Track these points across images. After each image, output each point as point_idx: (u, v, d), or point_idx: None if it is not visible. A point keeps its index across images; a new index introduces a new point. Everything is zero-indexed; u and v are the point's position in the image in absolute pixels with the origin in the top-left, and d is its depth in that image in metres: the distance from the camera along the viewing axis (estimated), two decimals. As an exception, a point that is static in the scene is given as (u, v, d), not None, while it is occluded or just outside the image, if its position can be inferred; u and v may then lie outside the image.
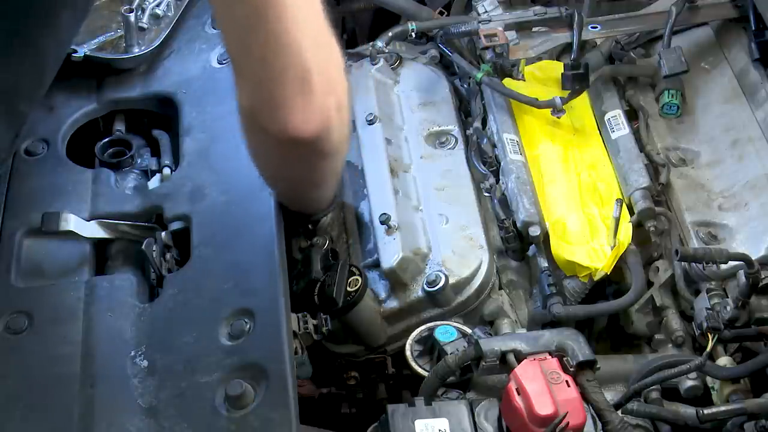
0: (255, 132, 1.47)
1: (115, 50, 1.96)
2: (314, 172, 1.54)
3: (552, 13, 2.00)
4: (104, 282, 1.61)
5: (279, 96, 1.34)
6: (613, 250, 1.71)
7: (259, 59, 1.34)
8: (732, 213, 1.76)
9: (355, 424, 1.65)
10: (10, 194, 1.73)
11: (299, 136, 1.37)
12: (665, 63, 1.89)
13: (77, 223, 1.66)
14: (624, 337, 1.80)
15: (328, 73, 1.37)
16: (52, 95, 1.85)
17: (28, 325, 1.54)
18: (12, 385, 1.47)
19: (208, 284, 1.57)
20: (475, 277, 1.72)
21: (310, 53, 1.34)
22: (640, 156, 1.83)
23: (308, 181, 1.59)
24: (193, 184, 1.72)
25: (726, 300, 1.63)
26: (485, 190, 1.85)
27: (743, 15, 1.96)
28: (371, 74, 2.00)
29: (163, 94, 1.91)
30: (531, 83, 1.96)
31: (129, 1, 1.98)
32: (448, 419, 1.45)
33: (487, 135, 1.90)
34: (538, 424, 1.43)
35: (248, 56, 1.36)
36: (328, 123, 1.39)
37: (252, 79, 1.37)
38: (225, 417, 1.41)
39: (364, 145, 1.88)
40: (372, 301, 1.70)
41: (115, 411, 1.44)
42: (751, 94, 1.88)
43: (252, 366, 1.45)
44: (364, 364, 1.73)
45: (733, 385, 1.59)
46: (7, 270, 1.62)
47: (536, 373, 1.47)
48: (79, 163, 1.81)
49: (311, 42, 1.34)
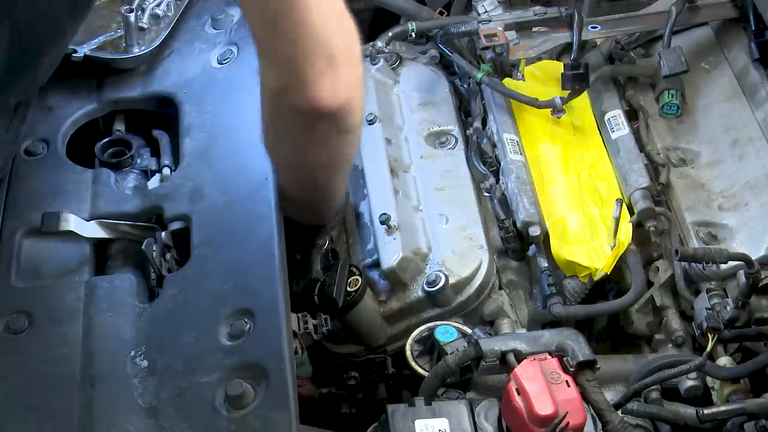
0: (282, 113, 1.54)
1: (115, 50, 1.96)
2: (334, 152, 1.60)
3: (552, 13, 2.00)
4: (104, 282, 1.61)
5: (309, 73, 1.46)
6: (613, 250, 1.71)
7: (290, 41, 1.45)
8: (732, 213, 1.76)
9: (355, 424, 1.65)
10: (10, 194, 1.72)
11: (328, 109, 1.48)
12: (665, 63, 1.89)
13: (77, 223, 1.66)
14: (624, 337, 1.80)
15: (351, 51, 1.49)
16: (52, 95, 1.85)
17: (28, 325, 1.53)
18: (12, 385, 1.47)
19: (208, 284, 1.57)
20: (475, 277, 1.72)
21: (336, 33, 1.46)
22: (640, 156, 1.83)
23: (326, 164, 1.63)
24: (193, 184, 1.72)
25: (726, 300, 1.63)
26: (485, 190, 1.85)
27: (743, 15, 1.96)
28: (371, 74, 2.00)
29: (163, 94, 1.91)
30: (531, 83, 1.97)
31: (129, 1, 1.98)
32: (448, 419, 1.45)
33: (487, 135, 1.90)
34: (538, 424, 1.43)
35: (279, 39, 1.47)
36: (352, 96, 1.50)
37: (282, 61, 1.47)
38: (225, 417, 1.41)
39: (364, 145, 1.88)
40: (372, 301, 1.70)
41: (115, 411, 1.44)
42: (751, 94, 1.88)
43: (252, 366, 1.45)
44: (364, 364, 1.73)
45: (733, 385, 1.59)
46: (7, 270, 1.62)
47: (536, 373, 1.47)
48: (79, 163, 1.80)
49: (336, 23, 1.47)
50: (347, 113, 1.51)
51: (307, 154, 1.60)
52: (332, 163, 1.64)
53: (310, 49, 1.45)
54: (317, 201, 1.73)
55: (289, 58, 1.46)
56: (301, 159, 1.62)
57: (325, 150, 1.58)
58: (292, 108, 1.50)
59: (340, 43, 1.47)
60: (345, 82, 1.48)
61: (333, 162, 1.64)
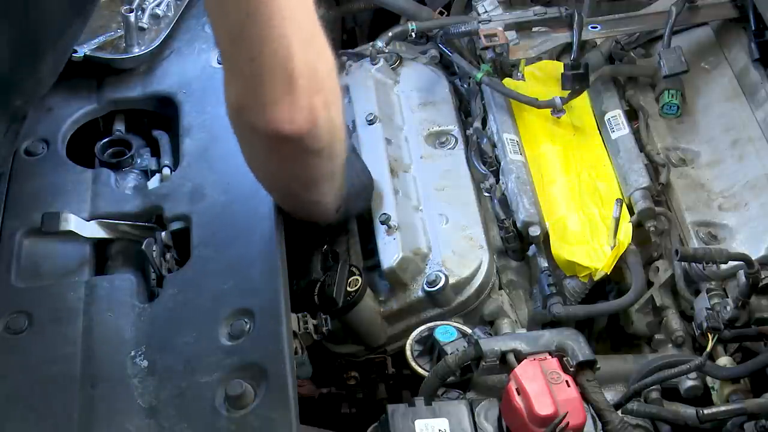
0: (243, 129, 1.50)
1: (115, 50, 1.96)
2: (305, 171, 1.55)
3: (552, 13, 2.00)
4: (104, 282, 1.61)
5: (266, 94, 1.39)
6: (613, 250, 1.71)
7: (248, 59, 1.38)
8: (732, 213, 1.76)
9: (355, 424, 1.65)
10: (10, 194, 1.72)
11: (285, 134, 1.41)
12: (665, 63, 1.89)
13: (77, 223, 1.66)
14: (624, 337, 1.80)
15: (316, 72, 1.41)
16: (52, 95, 1.85)
17: (28, 325, 1.53)
18: (12, 385, 1.47)
19: (208, 284, 1.57)
20: (475, 277, 1.72)
21: (298, 53, 1.38)
22: (640, 156, 1.83)
23: (301, 182, 1.58)
24: (193, 184, 1.72)
25: (726, 300, 1.63)
26: (485, 190, 1.85)
27: (743, 15, 1.96)
28: (371, 74, 2.00)
29: (163, 94, 1.91)
30: (531, 83, 1.97)
31: (129, 1, 1.98)
32: (448, 419, 1.45)
33: (487, 135, 1.90)
34: (538, 424, 1.43)
35: (238, 56, 1.40)
36: (314, 121, 1.42)
37: (240, 78, 1.41)
38: (225, 417, 1.41)
39: (364, 145, 1.88)
40: (372, 301, 1.70)
41: (115, 411, 1.44)
42: (751, 94, 1.88)
43: (252, 366, 1.45)
44: (364, 364, 1.73)
45: (733, 385, 1.59)
46: (7, 270, 1.62)
47: (536, 373, 1.47)
48: (79, 163, 1.81)
49: (300, 42, 1.38)
50: (310, 137, 1.43)
51: (278, 172, 1.56)
52: (310, 180, 1.58)
53: (268, 69, 1.37)
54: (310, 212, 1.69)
55: (247, 75, 1.39)
56: (274, 176, 1.58)
57: (296, 169, 1.53)
58: (251, 127, 1.45)
59: (303, 64, 1.38)
60: (306, 105, 1.40)
61: (311, 179, 1.58)
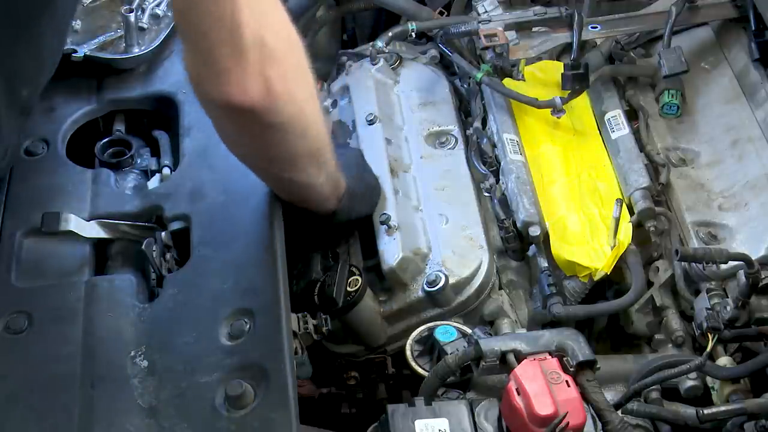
0: (202, 102, 1.52)
1: (115, 50, 1.96)
2: (278, 149, 1.55)
3: (552, 13, 2.00)
4: (104, 282, 1.61)
5: (217, 66, 1.42)
6: (613, 250, 1.71)
7: (201, 33, 1.42)
8: (732, 213, 1.76)
9: (355, 424, 1.65)
10: (10, 194, 1.72)
11: (237, 103, 1.43)
12: (665, 63, 1.89)
13: (77, 223, 1.66)
14: (624, 337, 1.80)
15: (268, 44, 1.43)
16: (52, 95, 1.85)
17: (28, 325, 1.53)
18: (12, 385, 1.47)
19: (208, 284, 1.57)
20: (475, 277, 1.72)
21: (250, 25, 1.40)
22: (640, 156, 1.83)
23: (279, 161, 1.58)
24: (193, 184, 1.72)
25: (726, 300, 1.63)
26: (485, 190, 1.85)
27: (743, 15, 1.96)
28: (371, 74, 2.00)
29: (163, 94, 1.91)
30: (531, 83, 1.96)
31: (129, 1, 1.98)
32: (448, 419, 1.45)
33: (487, 135, 1.90)
34: (538, 424, 1.43)
35: (189, 29, 1.44)
36: (270, 93, 1.44)
37: (195, 51, 1.45)
38: (225, 417, 1.41)
39: (364, 145, 1.88)
40: (372, 301, 1.70)
41: (115, 411, 1.44)
42: (751, 94, 1.88)
43: (252, 366, 1.45)
44: (364, 364, 1.74)
45: (733, 385, 1.59)
46: (7, 270, 1.62)
47: (536, 373, 1.47)
48: (79, 163, 1.80)
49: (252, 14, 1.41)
50: (267, 110, 1.45)
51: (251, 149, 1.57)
52: (287, 159, 1.58)
53: (218, 41, 1.41)
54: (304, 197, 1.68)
55: (200, 48, 1.43)
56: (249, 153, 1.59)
57: (267, 146, 1.54)
58: (208, 98, 1.48)
59: (252, 37, 1.40)
60: (257, 77, 1.42)
61: (287, 158, 1.58)
